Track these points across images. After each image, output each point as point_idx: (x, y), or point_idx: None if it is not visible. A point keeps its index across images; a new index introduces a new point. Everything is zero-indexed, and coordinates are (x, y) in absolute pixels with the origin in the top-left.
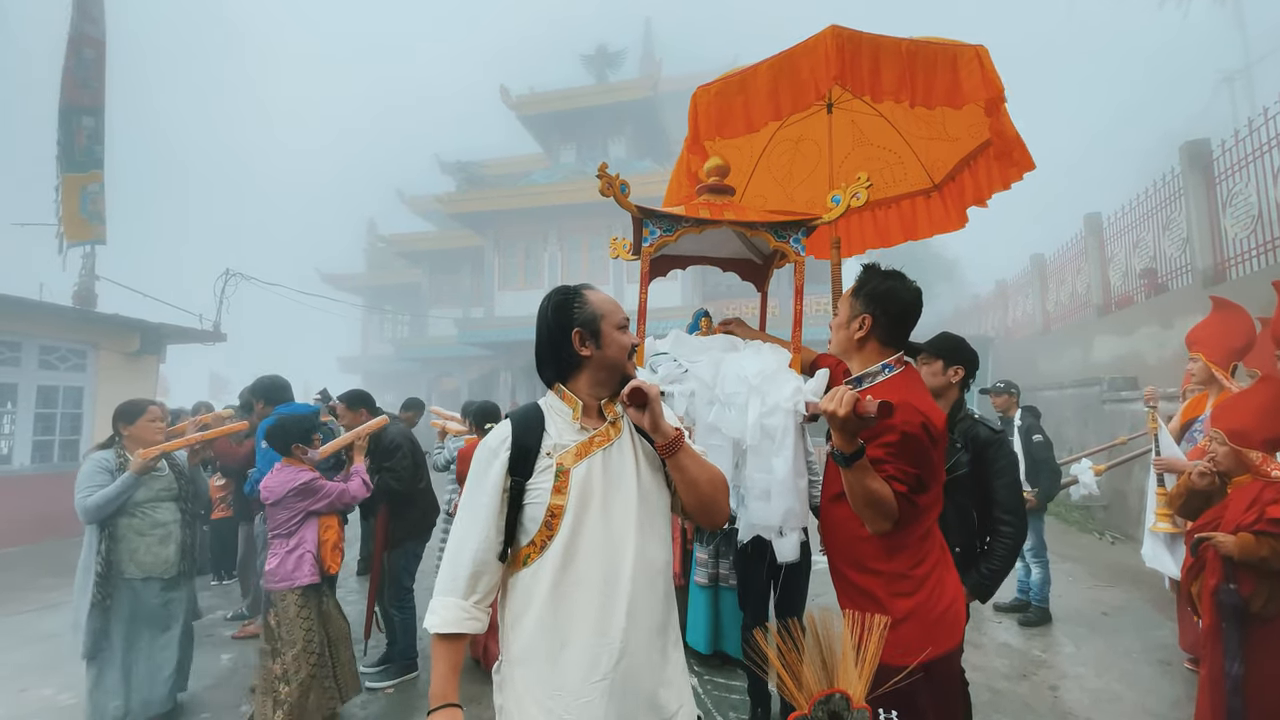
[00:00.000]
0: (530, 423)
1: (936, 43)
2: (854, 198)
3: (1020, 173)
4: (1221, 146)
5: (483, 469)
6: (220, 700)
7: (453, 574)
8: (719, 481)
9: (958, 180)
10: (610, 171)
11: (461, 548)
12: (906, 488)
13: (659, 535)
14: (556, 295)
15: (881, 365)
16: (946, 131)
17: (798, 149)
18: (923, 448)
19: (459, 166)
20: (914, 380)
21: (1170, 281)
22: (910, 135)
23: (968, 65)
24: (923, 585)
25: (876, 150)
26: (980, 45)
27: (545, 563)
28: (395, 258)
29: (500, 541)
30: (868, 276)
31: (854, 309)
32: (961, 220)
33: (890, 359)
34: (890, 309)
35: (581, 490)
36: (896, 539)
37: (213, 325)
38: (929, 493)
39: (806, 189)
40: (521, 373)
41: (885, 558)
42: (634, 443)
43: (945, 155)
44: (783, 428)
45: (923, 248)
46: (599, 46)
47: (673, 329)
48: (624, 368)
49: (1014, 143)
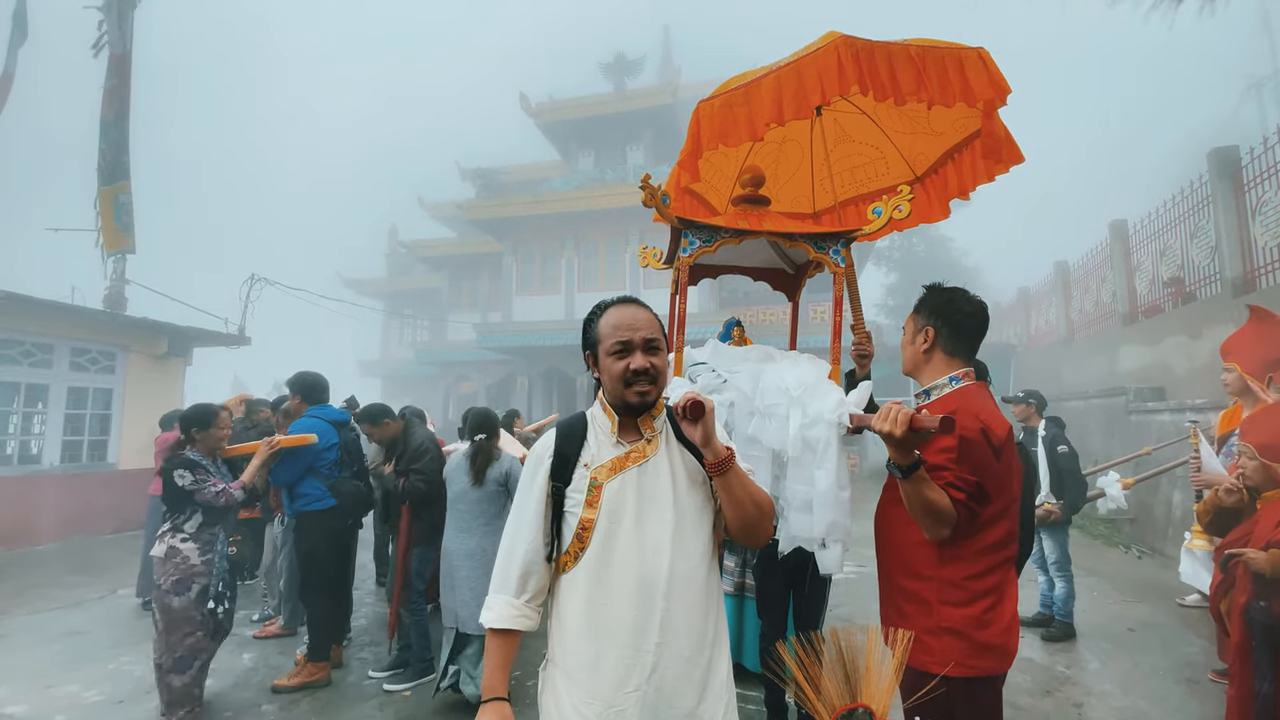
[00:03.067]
0: (573, 432)
1: (939, 45)
2: (896, 210)
3: (1006, 167)
4: (1251, 153)
5: (531, 474)
6: (242, 700)
7: (505, 572)
8: (765, 505)
9: (940, 173)
10: (628, 178)
11: (514, 548)
12: (965, 495)
13: (699, 551)
14: (590, 311)
15: (948, 378)
16: (931, 126)
17: (781, 150)
18: (983, 455)
19: (479, 173)
20: (979, 392)
21: (1198, 290)
22: (892, 130)
23: (973, 66)
24: (977, 600)
25: (858, 146)
26: (981, 47)
27: (579, 573)
28: (416, 263)
29: (547, 544)
30: (929, 292)
31: (917, 323)
32: (944, 211)
33: (957, 371)
34: (951, 319)
35: (613, 505)
36: (953, 548)
37: (238, 329)
38: (992, 504)
39: (790, 189)
40: (539, 377)
41: (938, 564)
42: (671, 459)
43: (928, 149)
44: (825, 440)
45: (944, 252)
46: (617, 54)
47: (709, 339)
48: (621, 395)
49: (1004, 140)
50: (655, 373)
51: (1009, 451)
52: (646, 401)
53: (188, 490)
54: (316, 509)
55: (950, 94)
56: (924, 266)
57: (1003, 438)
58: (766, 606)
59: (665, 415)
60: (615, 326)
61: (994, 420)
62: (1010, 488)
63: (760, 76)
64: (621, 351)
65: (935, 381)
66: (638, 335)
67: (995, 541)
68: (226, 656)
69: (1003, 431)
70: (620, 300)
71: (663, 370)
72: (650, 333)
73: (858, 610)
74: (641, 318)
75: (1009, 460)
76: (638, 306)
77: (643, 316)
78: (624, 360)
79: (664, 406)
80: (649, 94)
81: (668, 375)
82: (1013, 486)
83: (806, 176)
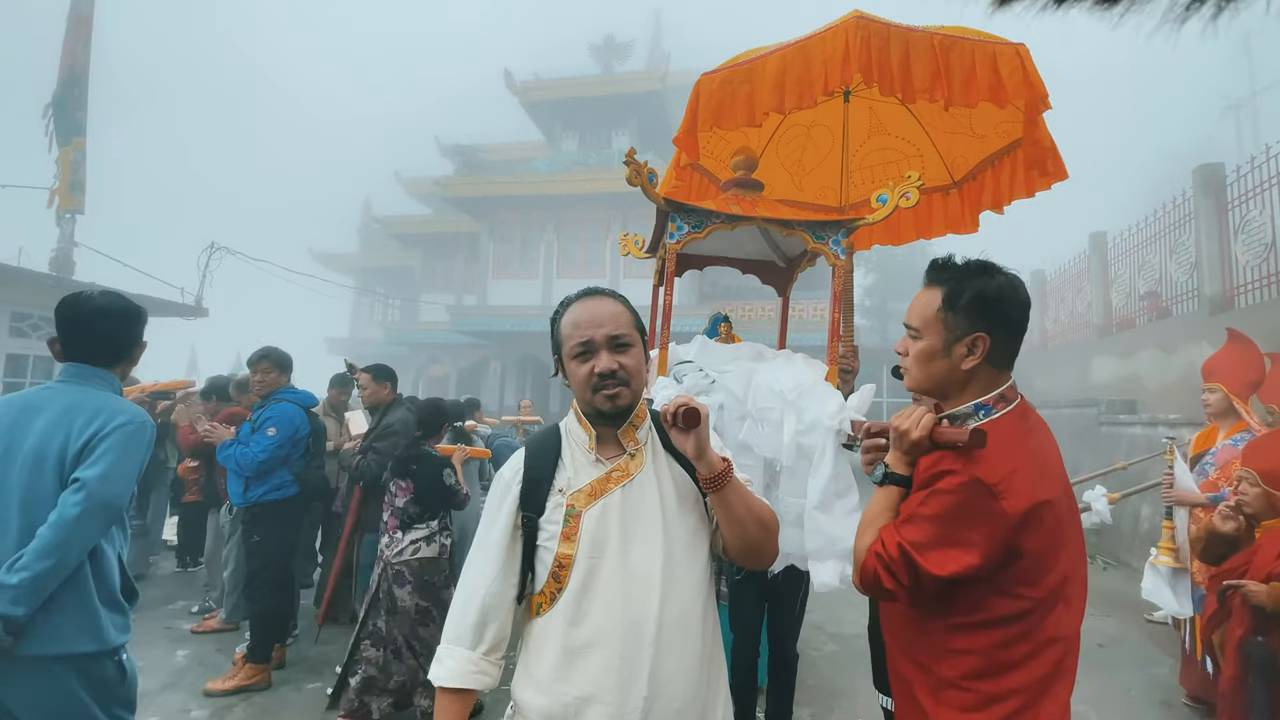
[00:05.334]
0: (545, 451)
1: (972, 37)
2: (903, 198)
3: (1049, 182)
4: (1236, 172)
5: (496, 502)
6: (169, 704)
7: (460, 619)
8: (769, 522)
9: (978, 180)
10: (613, 164)
11: (472, 591)
12: (894, 570)
13: (694, 585)
14: (556, 308)
15: (973, 405)
16: (973, 128)
17: (809, 135)
18: (987, 526)
19: (458, 150)
20: (1021, 425)
21: (1174, 306)
22: (932, 128)
23: (1009, 64)
24: (990, 706)
25: (894, 140)
26: (1021, 44)
27: (555, 616)
28: (389, 239)
29: (514, 584)
30: (963, 274)
31: (954, 327)
32: (974, 224)
33: (990, 396)
34: (1010, 319)
35: (594, 537)
36: (960, 636)
37: (194, 299)
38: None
39: (816, 178)
40: (513, 364)
41: (935, 653)
42: (658, 475)
43: (968, 152)
44: (821, 448)
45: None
46: (606, 36)
47: (697, 335)
48: (590, 402)
49: (1049, 151)
50: (626, 374)
51: (1050, 521)
52: (619, 406)
53: None
54: (276, 498)
55: (973, 93)
56: (901, 269)
57: (1037, 504)
58: (738, 618)
59: (650, 422)
60: (575, 324)
61: (1035, 476)
62: (1055, 566)
63: (766, 54)
64: (584, 354)
65: (958, 409)
66: (600, 332)
67: (1027, 634)
68: (160, 653)
69: (1047, 494)
70: (582, 294)
71: (635, 370)
72: (616, 327)
73: (829, 617)
74: (604, 311)
75: (1052, 531)
76: (601, 298)
77: (606, 309)
78: (588, 363)
79: (648, 412)
80: (637, 79)
81: (644, 375)
82: (1058, 564)
83: (835, 166)
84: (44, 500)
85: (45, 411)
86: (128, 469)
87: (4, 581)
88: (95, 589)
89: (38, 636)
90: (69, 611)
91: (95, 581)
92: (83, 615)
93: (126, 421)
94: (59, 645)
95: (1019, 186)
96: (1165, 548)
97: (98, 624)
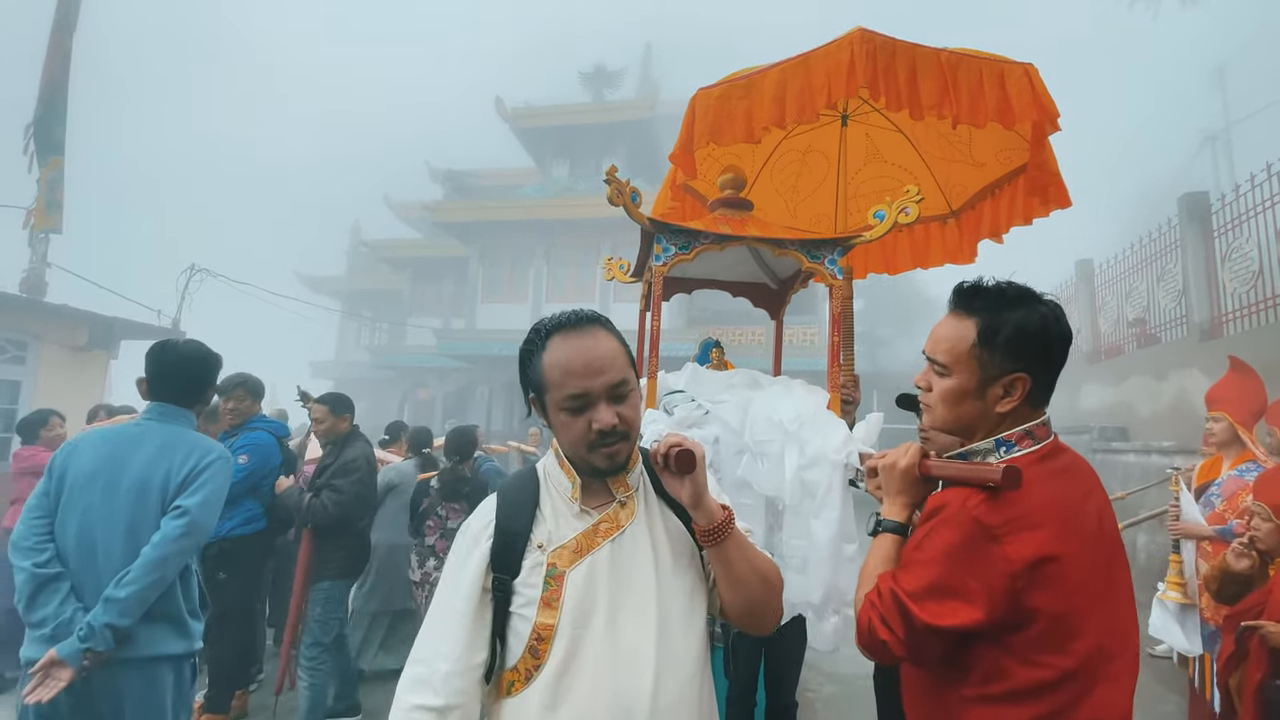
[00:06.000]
0: (521, 499)
1: (977, 56)
2: (902, 213)
3: (1050, 209)
4: (1222, 200)
5: (460, 559)
6: None
7: (414, 700)
8: (773, 579)
9: (977, 209)
10: (603, 190)
11: (430, 668)
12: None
13: (691, 659)
14: (528, 335)
15: (994, 441)
16: (972, 155)
17: (805, 161)
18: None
19: (448, 174)
20: (1055, 470)
21: (1162, 333)
22: (930, 156)
23: (1017, 83)
24: None
25: (890, 168)
26: (1029, 63)
27: (531, 697)
28: (378, 263)
29: (482, 660)
30: (1000, 304)
31: (989, 365)
32: (972, 254)
33: (1014, 432)
34: (1054, 357)
35: (579, 603)
36: (981, 710)
37: (172, 322)
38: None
39: (811, 205)
40: (501, 388)
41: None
42: (650, 526)
43: (967, 180)
44: (826, 484)
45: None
46: (597, 65)
47: (687, 362)
48: (585, 460)
49: (1053, 176)
50: (626, 426)
51: (1071, 579)
52: (618, 464)
53: None
54: (245, 533)
55: (982, 112)
56: (887, 295)
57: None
58: (734, 663)
59: (641, 465)
60: (566, 371)
61: (1050, 525)
62: (1083, 631)
63: (766, 68)
64: (579, 408)
65: (975, 445)
66: (599, 382)
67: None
68: None
69: (1061, 547)
70: (566, 324)
71: (635, 420)
72: (616, 374)
73: (826, 656)
74: (602, 351)
75: (1074, 591)
76: (594, 332)
77: (603, 349)
78: (582, 417)
79: (639, 454)
80: (628, 107)
81: (641, 421)
82: (1086, 629)
83: (830, 193)
84: (147, 524)
85: (144, 446)
86: (220, 497)
87: (113, 595)
88: (183, 600)
89: (142, 641)
90: (165, 619)
91: (183, 593)
92: (175, 622)
93: (218, 457)
94: (158, 647)
95: (1017, 214)
96: (1173, 583)
97: (186, 629)
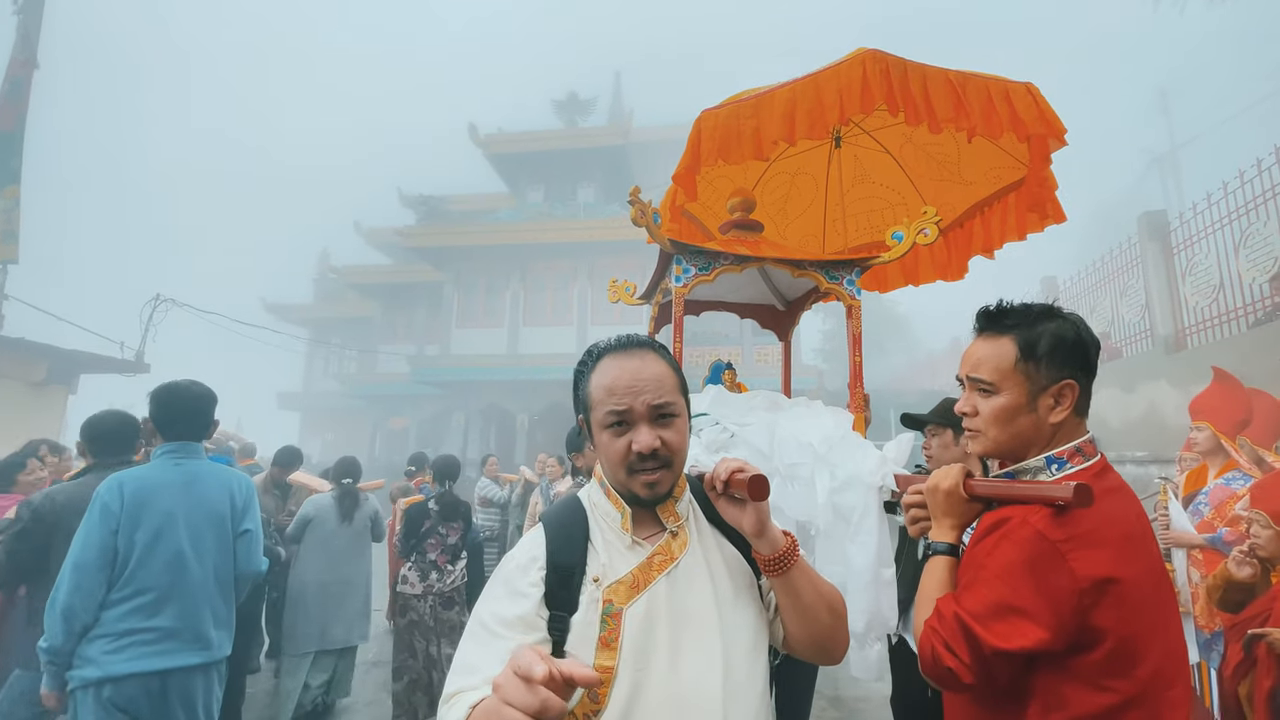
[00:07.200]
0: (571, 530)
1: (981, 75)
2: (921, 234)
3: (1045, 225)
4: (1180, 218)
5: (507, 596)
6: None
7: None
8: (839, 606)
9: (966, 227)
10: (579, 215)
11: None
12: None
13: (755, 687)
14: (582, 356)
15: (1045, 459)
16: (961, 174)
17: (794, 183)
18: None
19: (421, 200)
20: (1108, 489)
21: (1125, 347)
22: (918, 176)
23: (1021, 99)
24: None
25: (878, 189)
26: (1029, 82)
27: None
28: (347, 290)
29: None
30: (1030, 319)
31: (1037, 377)
32: (961, 270)
33: (1064, 449)
34: (1091, 358)
35: (639, 642)
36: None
37: (135, 355)
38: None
39: (799, 227)
40: (477, 415)
41: None
42: (706, 556)
43: (955, 199)
44: (861, 508)
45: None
46: (570, 93)
47: (708, 385)
48: (625, 485)
49: (1051, 192)
50: (669, 451)
51: (1133, 598)
52: (658, 494)
53: None
54: None
55: (996, 124)
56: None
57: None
58: (779, 696)
59: (689, 492)
60: (609, 389)
61: (1113, 543)
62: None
63: (774, 88)
64: (618, 425)
65: (1025, 463)
66: (640, 401)
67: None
68: None
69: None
70: (618, 346)
71: (680, 447)
72: (659, 395)
73: (825, 679)
74: (646, 373)
75: (1137, 612)
76: (643, 354)
77: (649, 371)
78: (623, 436)
79: (685, 480)
80: (601, 133)
81: (687, 450)
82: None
83: (818, 215)
84: (226, 547)
85: (203, 480)
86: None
87: (224, 616)
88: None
89: (216, 644)
90: (226, 625)
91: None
92: (230, 628)
93: (251, 483)
94: (223, 650)
95: (1011, 230)
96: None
97: (230, 634)
